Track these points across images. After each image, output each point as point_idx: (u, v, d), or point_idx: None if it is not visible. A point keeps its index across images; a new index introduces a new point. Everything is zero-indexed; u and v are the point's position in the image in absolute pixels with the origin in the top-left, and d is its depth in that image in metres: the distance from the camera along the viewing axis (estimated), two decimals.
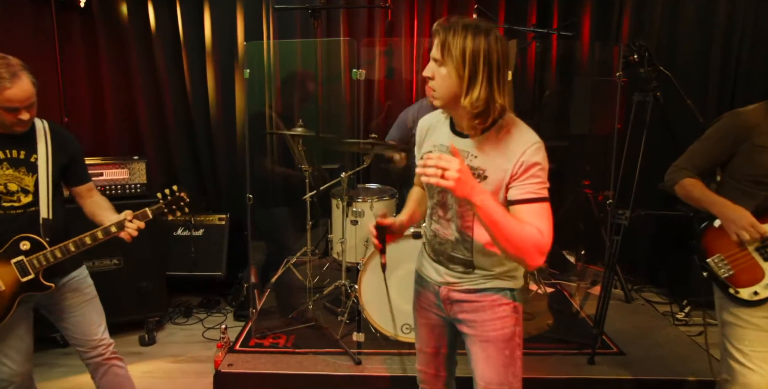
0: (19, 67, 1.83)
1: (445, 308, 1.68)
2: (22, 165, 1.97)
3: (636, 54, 2.84)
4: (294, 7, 3.66)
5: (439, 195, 1.59)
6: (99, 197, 2.18)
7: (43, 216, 2.00)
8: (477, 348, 1.62)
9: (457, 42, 1.37)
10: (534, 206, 1.43)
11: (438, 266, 1.67)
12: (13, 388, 2.05)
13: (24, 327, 2.05)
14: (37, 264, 1.96)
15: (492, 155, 1.47)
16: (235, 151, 4.14)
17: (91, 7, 3.85)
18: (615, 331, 3.07)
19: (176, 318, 3.72)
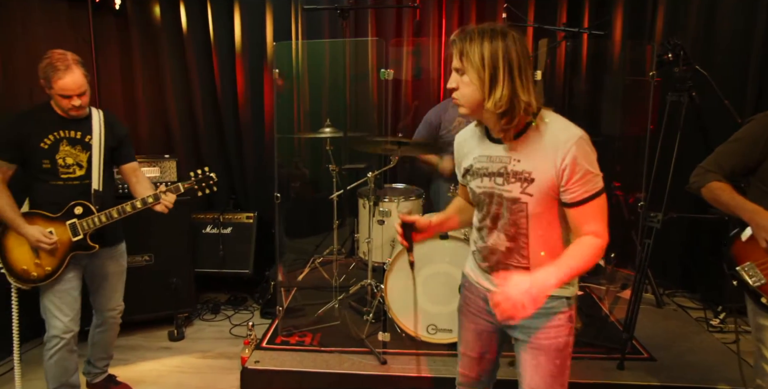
0: (73, 61, 2.20)
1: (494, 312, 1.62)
2: (78, 143, 2.34)
3: (670, 53, 2.76)
4: (323, 8, 3.68)
5: (489, 207, 1.56)
6: (143, 177, 2.57)
7: (94, 188, 2.37)
8: (528, 355, 1.59)
9: (474, 48, 1.39)
10: (591, 205, 1.43)
11: (491, 276, 1.63)
12: (62, 344, 2.35)
13: (76, 290, 2.40)
14: (86, 226, 2.33)
15: (535, 156, 1.45)
16: (264, 150, 4.19)
17: (126, 8, 3.93)
18: (645, 336, 3.00)
19: (204, 314, 3.78)
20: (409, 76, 4.09)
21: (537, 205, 1.47)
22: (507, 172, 1.48)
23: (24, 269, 2.31)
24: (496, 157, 1.51)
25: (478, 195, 1.58)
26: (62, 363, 2.39)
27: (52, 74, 2.17)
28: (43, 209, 2.32)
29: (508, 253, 1.56)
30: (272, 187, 3.07)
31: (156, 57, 4.06)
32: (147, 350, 3.27)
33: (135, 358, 3.15)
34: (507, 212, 1.51)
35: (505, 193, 1.50)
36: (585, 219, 1.44)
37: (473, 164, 1.58)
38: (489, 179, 1.53)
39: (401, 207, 1.65)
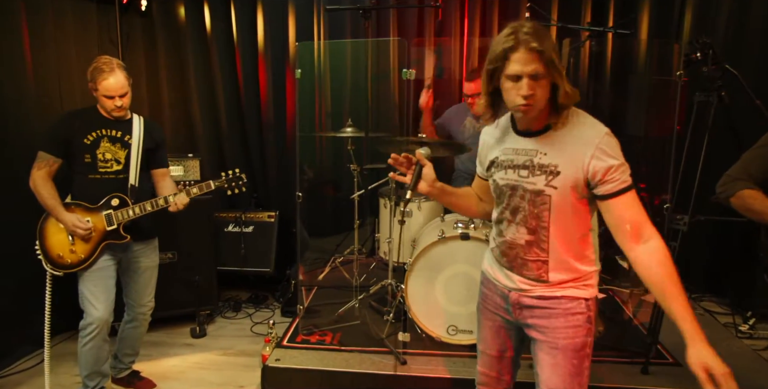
0: (117, 66, 2.40)
1: (513, 312, 1.65)
2: (118, 142, 2.52)
3: (699, 52, 2.70)
4: (345, 8, 3.69)
5: (510, 199, 1.57)
6: (170, 182, 2.71)
7: (130, 183, 2.54)
8: (545, 355, 1.58)
9: (548, 48, 1.37)
10: (627, 196, 1.44)
11: (509, 272, 1.63)
12: (97, 332, 2.46)
13: (111, 278, 2.53)
14: (121, 217, 2.49)
15: (562, 151, 1.47)
16: (286, 149, 4.21)
17: (151, 10, 4.00)
18: (671, 341, 2.93)
19: (226, 312, 3.82)
20: (432, 75, 4.07)
21: (560, 199, 1.48)
22: (533, 165, 1.50)
23: (59, 254, 2.44)
24: (523, 150, 1.53)
25: (500, 187, 1.59)
26: (96, 351, 2.49)
27: (97, 76, 2.35)
28: (81, 201, 2.48)
29: (528, 247, 1.56)
30: (294, 186, 3.09)
31: (180, 57, 4.12)
32: (170, 346, 3.32)
33: (158, 354, 3.20)
34: (529, 204, 1.52)
35: (528, 185, 1.52)
36: (627, 207, 1.44)
37: (498, 156, 1.60)
38: (513, 171, 1.55)
39: (422, 149, 1.61)
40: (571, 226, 1.53)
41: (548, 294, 1.57)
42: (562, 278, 1.56)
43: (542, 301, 1.58)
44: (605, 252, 3.94)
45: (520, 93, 1.40)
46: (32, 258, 2.44)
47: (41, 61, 3.19)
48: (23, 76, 3.08)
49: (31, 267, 2.48)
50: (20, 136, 3.06)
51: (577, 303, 1.55)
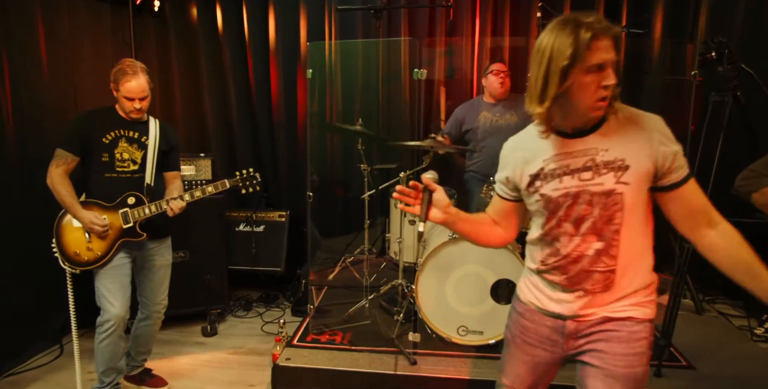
0: (140, 69, 2.45)
1: (566, 344, 1.49)
2: (135, 142, 2.56)
3: (714, 51, 2.68)
4: (356, 8, 3.69)
5: (570, 210, 1.41)
6: (178, 185, 2.74)
7: (146, 182, 2.58)
8: (600, 383, 1.41)
9: (620, 34, 1.31)
10: (694, 182, 1.37)
11: (566, 294, 1.46)
12: (113, 328, 2.48)
13: (127, 276, 2.55)
14: (137, 215, 2.52)
15: (625, 143, 1.36)
16: (296, 149, 4.23)
17: (164, 10, 4.03)
18: (684, 344, 2.91)
19: (237, 311, 3.84)
20: (442, 76, 4.06)
21: (633, 195, 1.36)
22: (596, 164, 1.37)
23: (76, 252, 2.47)
24: (579, 151, 1.39)
25: (553, 200, 1.42)
26: (112, 348, 2.52)
27: (121, 77, 2.41)
28: (98, 199, 2.51)
29: (596, 257, 1.40)
30: (304, 186, 3.09)
31: (192, 57, 4.15)
32: (181, 345, 3.34)
33: (170, 352, 3.22)
34: (599, 209, 1.37)
35: (595, 188, 1.37)
36: (697, 194, 1.37)
37: (544, 167, 1.43)
38: (571, 177, 1.39)
39: (428, 173, 1.46)
40: (639, 225, 1.40)
41: (612, 315, 1.42)
42: (625, 286, 1.41)
43: (604, 324, 1.43)
44: None
45: (605, 83, 1.29)
46: (47, 255, 2.46)
47: (56, 61, 3.23)
48: (39, 75, 3.12)
49: (46, 265, 2.52)
50: (37, 135, 3.10)
51: (643, 326, 1.41)
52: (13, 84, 2.96)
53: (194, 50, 4.14)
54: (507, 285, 2.81)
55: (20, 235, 3.00)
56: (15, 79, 2.98)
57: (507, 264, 2.81)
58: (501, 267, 2.82)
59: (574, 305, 1.45)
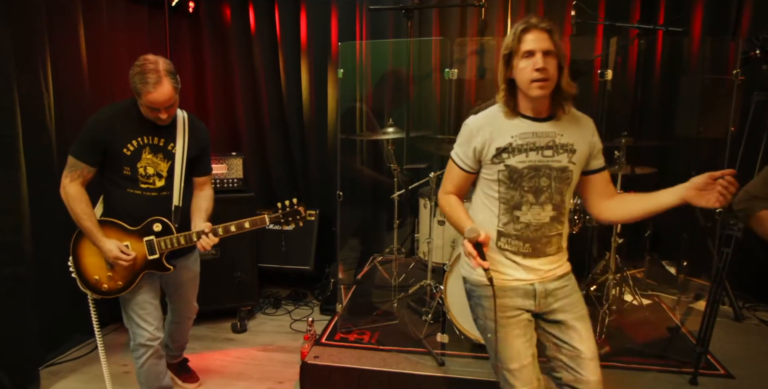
0: (164, 73, 2.05)
1: (539, 303, 1.77)
2: (160, 151, 2.22)
3: (758, 49, 2.59)
4: (388, 8, 3.69)
5: (531, 180, 1.69)
6: (206, 193, 2.43)
7: (175, 204, 2.25)
8: (580, 327, 1.74)
9: (555, 30, 1.62)
10: (607, 171, 1.81)
11: (532, 260, 1.74)
12: (151, 352, 2.31)
13: (156, 299, 2.34)
14: (164, 246, 2.23)
15: (574, 131, 1.71)
16: (327, 148, 4.25)
17: (199, 11, 4.10)
18: (721, 351, 2.82)
19: (266, 308, 3.88)
20: (473, 75, 4.03)
21: (576, 173, 1.73)
22: (555, 145, 1.69)
23: (96, 279, 2.25)
24: (543, 133, 1.69)
25: (518, 171, 1.69)
26: (153, 369, 2.37)
27: (141, 86, 2.03)
28: (119, 218, 2.22)
29: (551, 223, 1.72)
30: (334, 185, 3.11)
31: (225, 57, 4.22)
32: (212, 340, 3.39)
33: (201, 348, 3.28)
34: (555, 181, 1.69)
35: (554, 164, 1.69)
36: (608, 179, 1.80)
37: (512, 142, 1.69)
38: (536, 152, 1.69)
39: (469, 232, 1.57)
40: (569, 199, 1.78)
41: (563, 271, 1.80)
42: (564, 248, 1.81)
43: (560, 281, 1.78)
44: (651, 256, 3.83)
45: (535, 67, 1.58)
46: None
47: (96, 63, 3.31)
48: (80, 77, 3.21)
49: None
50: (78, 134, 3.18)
51: (573, 276, 1.83)
52: (56, 87, 3.04)
53: (227, 50, 4.20)
54: None
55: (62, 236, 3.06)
56: (58, 81, 3.06)
57: None
58: None
59: (539, 269, 1.75)
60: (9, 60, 2.62)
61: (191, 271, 2.52)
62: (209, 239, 2.22)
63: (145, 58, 2.08)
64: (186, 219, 2.31)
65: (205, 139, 2.39)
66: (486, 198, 1.77)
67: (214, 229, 2.23)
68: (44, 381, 2.82)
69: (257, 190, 4.09)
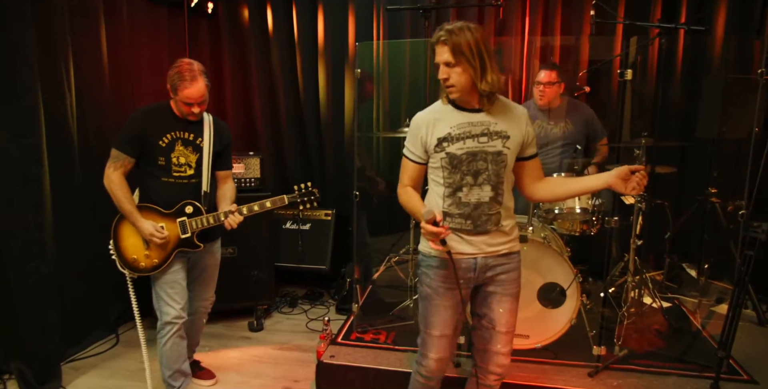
0: (198, 72, 2.36)
1: (477, 277, 1.96)
2: (190, 145, 2.50)
3: None
4: (405, 8, 3.68)
5: (470, 165, 1.87)
6: (230, 186, 2.69)
7: (204, 190, 2.53)
8: (505, 303, 1.97)
9: (462, 42, 1.74)
10: (538, 158, 2.00)
11: (473, 237, 1.92)
12: (175, 330, 2.52)
13: (185, 280, 2.56)
14: (195, 225, 2.49)
15: (507, 120, 1.89)
16: (343, 148, 4.26)
17: (217, 12, 4.14)
18: (744, 356, 2.77)
19: (283, 307, 3.90)
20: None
21: (511, 157, 1.90)
22: (489, 132, 1.87)
23: (134, 258, 2.47)
24: (478, 122, 1.88)
25: (457, 157, 1.88)
26: (175, 349, 2.54)
27: (179, 83, 2.32)
28: (155, 204, 2.47)
29: (490, 202, 1.90)
30: (351, 185, 3.11)
31: (243, 57, 4.25)
32: (228, 338, 3.42)
33: (217, 346, 3.31)
34: (492, 164, 1.87)
35: (490, 148, 1.87)
36: (539, 165, 2.00)
37: (450, 132, 1.88)
38: (472, 140, 1.87)
39: (426, 215, 1.73)
40: (510, 180, 1.95)
41: (508, 251, 1.96)
42: (508, 223, 1.95)
43: (503, 258, 1.95)
44: (671, 258, 3.77)
45: (439, 77, 1.84)
46: (105, 253, 2.51)
47: (116, 63, 3.35)
48: (101, 77, 3.26)
49: (104, 257, 2.56)
50: (98, 136, 3.24)
51: (517, 256, 2.01)
52: (77, 87, 3.09)
53: (245, 50, 4.23)
54: (554, 289, 2.75)
55: (83, 234, 3.13)
56: (79, 82, 3.11)
57: (555, 267, 2.75)
58: (548, 270, 2.76)
59: (481, 244, 1.93)
60: (33, 62, 2.67)
61: (215, 257, 2.73)
62: (235, 217, 2.49)
63: (182, 60, 2.38)
64: (212, 204, 2.57)
65: (228, 137, 2.67)
66: (434, 184, 1.98)
67: (239, 209, 2.52)
68: (66, 377, 2.87)
69: (274, 190, 4.10)
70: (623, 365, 2.66)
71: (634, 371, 2.62)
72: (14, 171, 2.64)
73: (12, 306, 2.70)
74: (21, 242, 2.66)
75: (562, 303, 2.76)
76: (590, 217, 3.06)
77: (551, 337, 2.78)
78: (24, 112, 2.65)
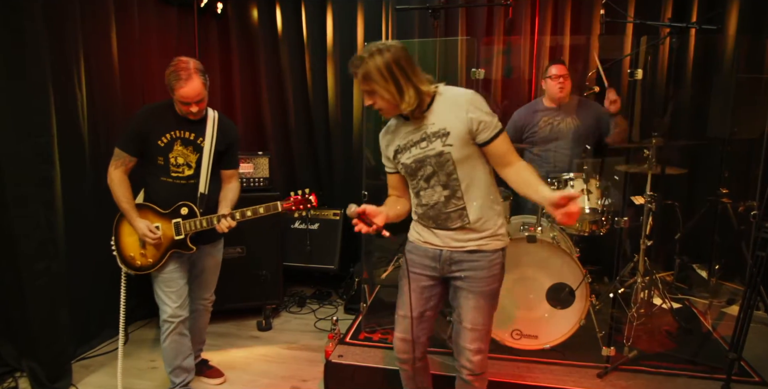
0: (194, 70, 2.30)
1: (442, 268, 1.99)
2: (191, 145, 2.46)
3: None
4: (414, 7, 3.68)
5: (420, 171, 1.92)
6: (233, 186, 2.64)
7: (200, 191, 2.48)
8: (471, 301, 1.96)
9: (371, 69, 1.76)
10: (502, 138, 1.88)
11: (440, 231, 1.97)
12: (172, 328, 2.52)
13: (183, 278, 2.55)
14: (189, 227, 2.45)
15: (445, 115, 1.86)
16: (352, 148, 4.26)
17: (227, 12, 4.15)
18: (756, 358, 2.74)
19: (291, 307, 3.92)
20: (500, 75, 4.00)
21: (458, 152, 1.86)
22: (427, 135, 1.88)
23: (131, 256, 2.51)
24: (414, 129, 1.91)
25: (408, 166, 1.94)
26: (174, 346, 2.56)
27: (174, 82, 2.29)
28: (154, 203, 2.48)
29: (446, 201, 1.91)
30: (359, 185, 3.12)
31: (252, 58, 4.26)
32: (237, 338, 3.43)
33: (226, 345, 3.32)
34: (437, 167, 1.88)
35: (430, 152, 1.88)
36: (504, 149, 1.88)
37: (399, 143, 1.95)
38: (415, 147, 1.91)
39: (349, 211, 1.83)
40: (474, 171, 1.91)
41: (476, 248, 1.93)
42: (479, 216, 1.92)
43: (471, 255, 1.94)
44: (681, 259, 3.74)
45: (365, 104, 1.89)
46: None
47: (127, 63, 3.37)
48: (111, 76, 3.28)
49: (113, 261, 2.57)
50: (108, 134, 3.26)
51: (498, 254, 1.96)
52: (88, 86, 3.11)
53: (254, 50, 4.25)
54: (563, 289, 2.74)
55: (94, 233, 3.14)
56: (90, 82, 3.13)
57: (564, 268, 2.74)
58: (557, 271, 2.75)
59: (446, 238, 1.96)
60: (45, 63, 2.70)
61: (214, 259, 2.70)
62: (227, 221, 2.44)
63: (178, 58, 2.34)
64: (211, 206, 2.52)
65: (233, 136, 2.61)
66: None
67: (232, 213, 2.46)
68: (76, 375, 2.89)
69: (283, 189, 4.11)
70: (632, 366, 2.65)
71: (644, 372, 2.60)
72: (26, 170, 2.66)
73: (23, 305, 2.72)
74: (32, 241, 2.69)
75: (571, 304, 2.75)
76: (600, 217, 3.04)
77: (560, 338, 2.77)
78: (36, 112, 2.68)
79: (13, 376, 2.83)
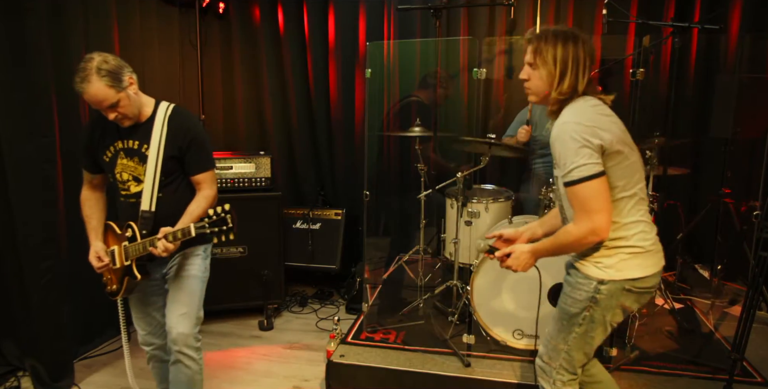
0: (93, 71, 1.87)
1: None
2: (135, 155, 2.04)
3: None
4: (416, 7, 3.68)
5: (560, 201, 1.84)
6: (201, 196, 2.10)
7: (142, 209, 2.03)
8: None
9: (549, 49, 1.65)
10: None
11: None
12: (149, 356, 2.37)
13: (150, 306, 2.28)
14: (132, 252, 2.05)
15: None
16: (354, 148, 4.27)
17: (229, 12, 4.16)
18: (759, 359, 2.74)
19: (292, 306, 3.92)
20: (501, 75, 3.99)
21: None
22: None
23: (106, 278, 2.24)
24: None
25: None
26: (156, 372, 2.43)
27: (76, 85, 1.90)
28: (116, 224, 2.18)
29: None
30: (361, 184, 3.12)
31: (254, 57, 4.27)
32: (238, 337, 3.44)
33: (227, 344, 3.32)
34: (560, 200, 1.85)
35: None
36: None
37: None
38: None
39: (482, 247, 1.87)
40: None
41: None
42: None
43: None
44: (683, 259, 3.74)
45: None
46: None
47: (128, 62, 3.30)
48: None
49: None
50: None
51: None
52: None
53: (256, 50, 4.26)
54: None
55: None
56: None
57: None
58: (560, 270, 2.74)
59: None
60: (48, 62, 2.70)
61: (183, 269, 2.17)
62: (162, 244, 1.93)
63: (88, 54, 1.95)
64: (160, 225, 2.00)
65: (190, 134, 2.07)
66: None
67: (166, 235, 1.93)
68: (78, 374, 2.90)
69: (285, 189, 4.13)
70: (634, 366, 2.64)
71: (646, 372, 2.60)
72: (30, 170, 2.66)
73: (26, 305, 2.73)
74: (35, 241, 2.69)
75: None
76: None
77: None
78: (39, 112, 2.68)
79: (16, 375, 2.84)
